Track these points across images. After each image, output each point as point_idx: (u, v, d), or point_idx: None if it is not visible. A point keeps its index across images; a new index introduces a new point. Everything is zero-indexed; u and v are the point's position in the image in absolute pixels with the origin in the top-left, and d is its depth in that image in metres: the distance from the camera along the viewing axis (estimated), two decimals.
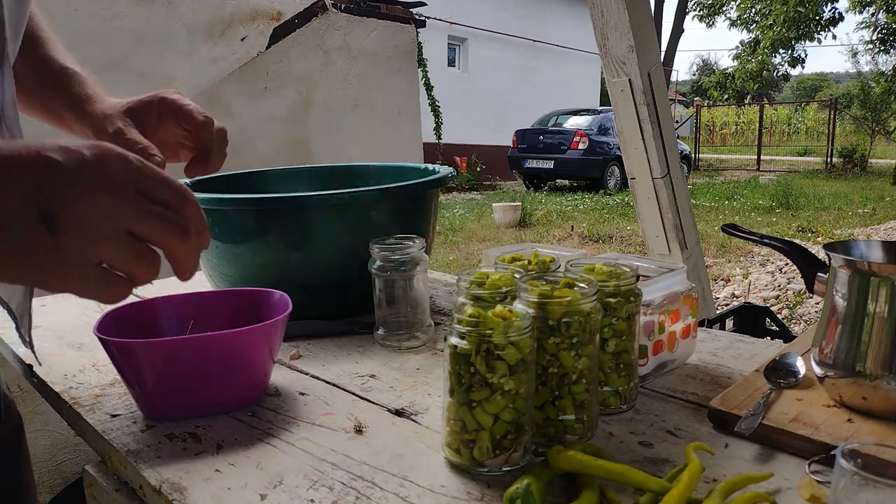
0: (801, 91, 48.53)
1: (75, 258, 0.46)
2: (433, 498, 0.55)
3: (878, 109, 18.54)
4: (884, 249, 0.74)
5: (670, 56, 22.30)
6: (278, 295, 0.80)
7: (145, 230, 0.48)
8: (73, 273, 0.47)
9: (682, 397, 0.75)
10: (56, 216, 0.45)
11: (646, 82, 1.90)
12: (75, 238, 0.46)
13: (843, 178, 14.07)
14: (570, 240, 7.15)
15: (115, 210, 0.47)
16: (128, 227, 0.48)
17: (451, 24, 14.08)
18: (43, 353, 0.90)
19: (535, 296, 0.62)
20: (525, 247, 0.89)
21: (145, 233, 0.49)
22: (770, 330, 1.58)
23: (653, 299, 0.76)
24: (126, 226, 0.48)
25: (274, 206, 0.95)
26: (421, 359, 0.87)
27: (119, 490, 0.66)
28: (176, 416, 0.70)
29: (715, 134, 27.92)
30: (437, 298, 1.14)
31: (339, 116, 2.73)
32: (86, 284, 0.48)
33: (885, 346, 0.64)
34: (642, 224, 2.10)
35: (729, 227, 0.93)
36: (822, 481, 0.55)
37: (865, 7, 18.65)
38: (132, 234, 0.48)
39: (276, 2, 2.43)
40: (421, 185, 1.02)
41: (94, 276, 0.48)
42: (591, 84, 18.82)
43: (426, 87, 10.64)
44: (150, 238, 0.49)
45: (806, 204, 9.28)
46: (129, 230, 0.48)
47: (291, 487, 0.57)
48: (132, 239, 0.48)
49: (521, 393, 0.57)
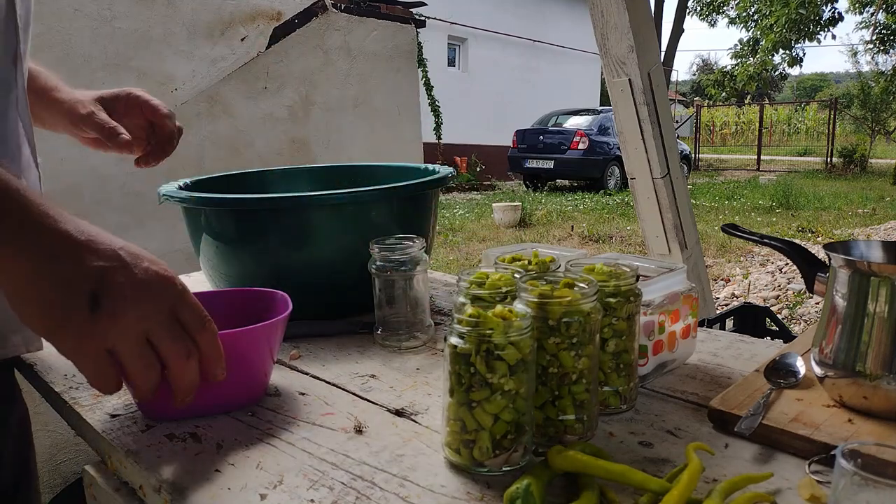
0: (801, 91, 48.54)
1: (100, 339, 0.53)
2: (433, 498, 0.55)
3: (878, 109, 18.54)
4: (884, 249, 0.74)
5: (670, 56, 22.30)
6: (278, 295, 0.80)
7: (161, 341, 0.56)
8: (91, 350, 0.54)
9: (682, 397, 0.75)
10: (101, 299, 0.53)
11: (646, 82, 1.89)
12: (108, 324, 0.53)
13: (843, 178, 14.07)
14: (570, 240, 7.14)
15: (146, 318, 0.55)
16: (148, 333, 0.55)
17: (451, 24, 14.08)
18: (43, 354, 0.90)
19: (535, 296, 0.62)
20: (525, 247, 0.89)
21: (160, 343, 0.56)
22: (770, 330, 1.58)
23: (653, 299, 0.76)
24: (148, 332, 0.55)
25: (274, 206, 0.95)
26: (421, 359, 0.87)
27: (119, 490, 0.66)
28: (176, 416, 0.70)
29: (715, 134, 27.91)
30: (437, 298, 1.14)
31: (339, 116, 2.73)
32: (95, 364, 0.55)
33: (885, 346, 0.64)
34: (642, 224, 2.10)
35: (729, 227, 0.93)
36: (822, 481, 0.55)
37: (865, 7, 18.64)
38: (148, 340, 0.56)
39: (276, 2, 2.43)
40: (421, 185, 1.02)
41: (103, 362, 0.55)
42: (591, 84, 18.82)
43: (426, 87, 10.64)
44: (160, 348, 0.56)
45: (806, 204, 9.28)
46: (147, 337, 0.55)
47: (291, 487, 0.57)
48: (146, 345, 0.56)
49: (521, 393, 0.57)
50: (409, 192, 1.02)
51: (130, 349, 0.55)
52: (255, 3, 2.36)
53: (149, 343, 0.56)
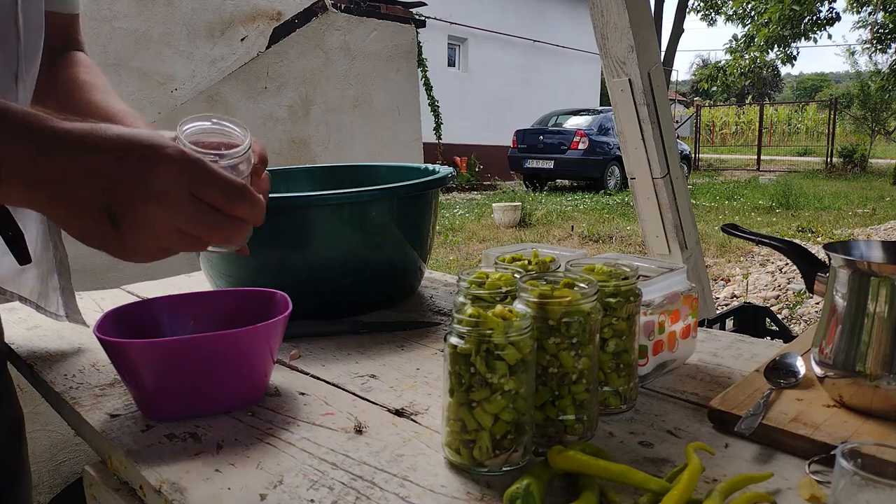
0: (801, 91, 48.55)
1: (139, 248, 0.54)
2: (433, 498, 0.55)
3: (878, 109, 18.53)
4: (884, 249, 0.74)
5: (670, 56, 22.28)
6: (278, 295, 0.80)
7: (195, 232, 0.55)
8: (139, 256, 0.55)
9: (682, 397, 0.75)
10: (117, 216, 0.52)
11: (646, 82, 1.89)
12: (135, 235, 0.53)
13: (843, 178, 14.06)
14: (570, 240, 7.14)
15: (167, 215, 0.53)
16: (178, 227, 0.54)
17: (451, 24, 14.07)
18: (43, 353, 0.90)
19: (535, 296, 0.62)
20: (525, 247, 0.89)
21: (193, 233, 0.55)
22: (770, 330, 1.58)
23: (653, 299, 0.76)
24: (177, 226, 0.54)
25: (274, 206, 0.94)
26: (421, 359, 0.87)
27: (119, 490, 0.66)
28: (176, 416, 0.70)
29: (715, 134, 27.91)
30: (437, 298, 1.14)
31: (339, 116, 2.73)
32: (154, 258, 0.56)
33: (885, 346, 0.64)
34: (642, 224, 2.10)
35: (729, 227, 0.93)
36: (822, 481, 0.55)
37: (863, 7, 18.62)
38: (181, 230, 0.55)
39: (276, 2, 2.43)
40: (421, 185, 1.02)
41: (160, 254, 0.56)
42: (591, 84, 18.81)
43: (426, 87, 10.63)
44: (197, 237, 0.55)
45: (806, 204, 9.28)
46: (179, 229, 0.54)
47: (291, 487, 0.57)
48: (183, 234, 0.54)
49: (521, 393, 0.57)
50: (409, 192, 1.02)
51: (171, 244, 0.55)
52: (255, 3, 2.36)
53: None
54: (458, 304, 0.66)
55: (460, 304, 0.65)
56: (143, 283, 1.30)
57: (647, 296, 0.74)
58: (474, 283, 0.67)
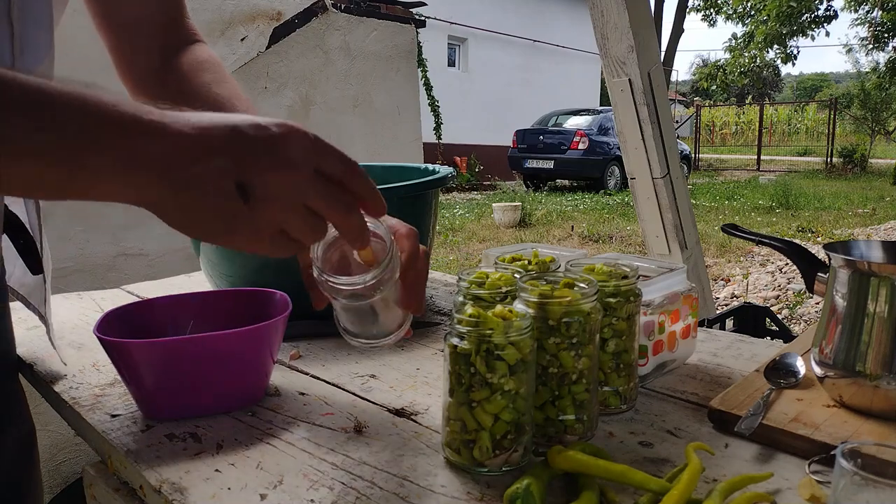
0: (801, 91, 48.57)
1: (266, 225, 0.52)
2: (433, 498, 0.55)
3: (878, 109, 18.54)
4: (884, 249, 0.74)
5: (670, 56, 22.27)
6: (278, 295, 0.80)
7: (320, 207, 0.54)
8: (264, 237, 0.53)
9: (682, 397, 0.75)
10: (248, 188, 0.51)
11: (646, 82, 1.89)
12: (265, 209, 0.51)
13: (843, 178, 14.07)
14: (570, 240, 7.14)
15: (297, 187, 0.52)
16: (305, 202, 0.53)
17: (451, 24, 14.07)
18: (42, 353, 0.90)
19: (535, 296, 0.62)
20: (525, 247, 0.89)
21: (319, 209, 0.54)
22: (770, 330, 1.58)
23: (653, 299, 0.76)
24: (304, 201, 0.53)
25: None
26: (421, 359, 0.87)
27: (119, 490, 0.66)
28: (176, 416, 0.70)
29: (715, 134, 27.91)
30: (437, 298, 1.14)
31: (339, 116, 2.73)
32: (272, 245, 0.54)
33: (885, 346, 0.64)
34: (642, 224, 2.10)
35: (729, 227, 0.93)
36: (822, 481, 0.55)
37: (860, 5, 18.63)
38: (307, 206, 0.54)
39: (276, 2, 2.43)
40: (421, 185, 1.02)
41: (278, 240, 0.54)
42: (591, 84, 18.81)
43: (426, 87, 10.63)
44: (322, 213, 0.54)
45: (806, 204, 9.28)
46: (305, 204, 0.53)
47: (291, 487, 0.57)
48: (308, 211, 0.53)
49: (521, 393, 0.57)
50: (409, 192, 1.02)
51: (295, 223, 0.53)
52: (255, 3, 2.36)
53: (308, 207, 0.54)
54: (458, 304, 0.66)
55: (460, 304, 0.65)
56: (143, 283, 1.30)
57: (647, 296, 0.74)
58: (474, 283, 0.67)
